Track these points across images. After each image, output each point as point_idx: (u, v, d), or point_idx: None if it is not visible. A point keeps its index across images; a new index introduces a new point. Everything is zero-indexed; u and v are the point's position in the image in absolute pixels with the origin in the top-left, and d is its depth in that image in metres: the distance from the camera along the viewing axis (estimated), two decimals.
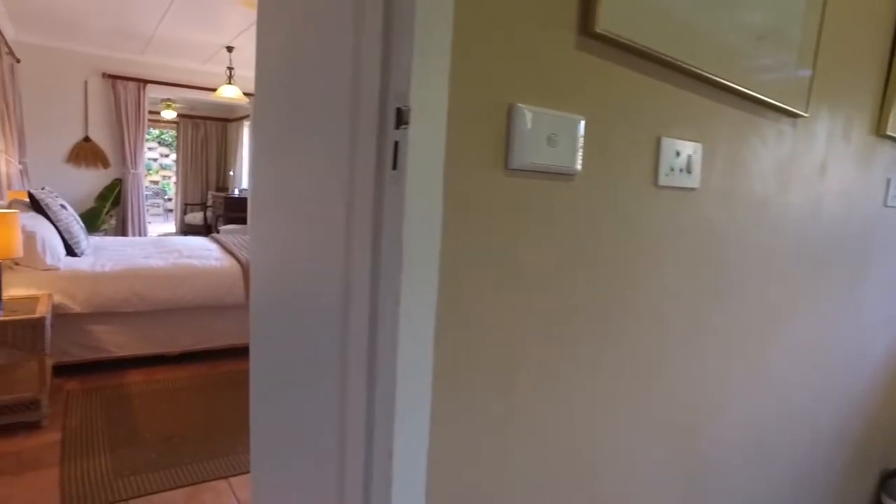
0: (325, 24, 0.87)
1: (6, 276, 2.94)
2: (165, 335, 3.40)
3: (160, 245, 4.20)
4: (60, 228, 3.51)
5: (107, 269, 3.28)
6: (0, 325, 2.47)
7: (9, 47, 5.33)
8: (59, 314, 3.05)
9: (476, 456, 0.79)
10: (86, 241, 3.74)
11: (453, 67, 0.69)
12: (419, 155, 0.66)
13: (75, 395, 2.97)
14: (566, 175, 0.83)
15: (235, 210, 8.58)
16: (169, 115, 9.09)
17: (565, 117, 0.81)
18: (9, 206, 3.53)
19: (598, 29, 0.80)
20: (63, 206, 3.70)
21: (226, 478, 2.29)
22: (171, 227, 11.25)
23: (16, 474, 2.29)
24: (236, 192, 9.68)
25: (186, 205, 10.46)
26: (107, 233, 6.46)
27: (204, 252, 3.94)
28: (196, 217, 10.09)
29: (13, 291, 2.96)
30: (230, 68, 6.03)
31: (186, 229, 10.20)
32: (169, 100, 8.86)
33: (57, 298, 3.04)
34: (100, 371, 3.27)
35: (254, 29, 5.27)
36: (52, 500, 2.13)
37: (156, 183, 14.56)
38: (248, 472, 2.34)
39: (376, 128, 0.69)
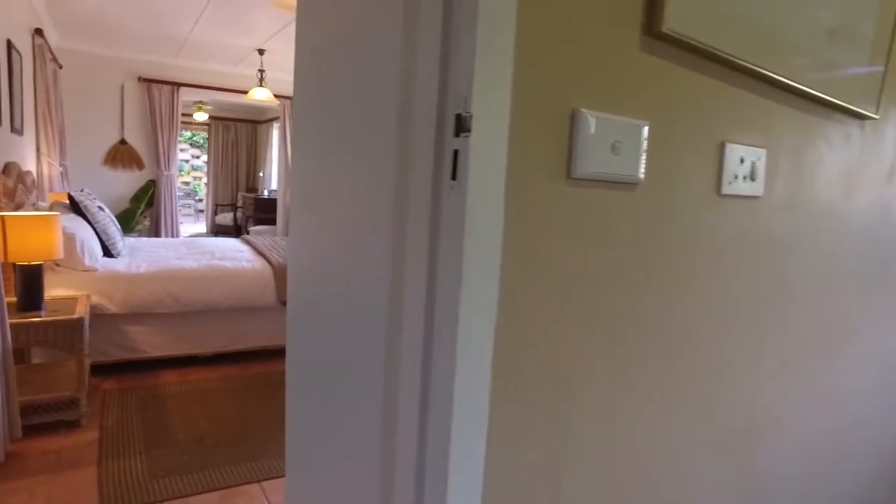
0: (371, 25, 0.84)
1: (47, 277, 3.00)
2: (198, 336, 3.43)
3: (193, 246, 4.25)
4: (98, 230, 3.57)
5: (142, 270, 3.32)
6: (42, 325, 2.52)
7: (53, 54, 5.47)
8: (97, 314, 3.10)
9: (535, 474, 0.75)
10: (121, 242, 3.80)
11: (515, 70, 0.65)
12: (481, 165, 0.62)
13: (112, 395, 3.01)
14: (629, 184, 0.79)
15: (265, 211, 8.67)
16: (201, 117, 9.24)
17: (629, 123, 0.76)
18: (50, 208, 3.60)
19: (665, 28, 0.75)
20: (100, 208, 3.76)
21: (258, 482, 2.29)
22: (202, 227, 11.44)
23: (56, 472, 2.32)
24: (265, 193, 9.79)
25: (217, 205, 10.63)
26: (141, 233, 6.58)
27: (235, 254, 3.97)
28: (226, 218, 10.24)
29: (54, 292, 3.01)
30: (261, 71, 6.09)
31: (217, 230, 10.36)
32: (201, 102, 9.01)
33: (94, 299, 3.09)
34: (135, 371, 3.31)
35: (285, 31, 5.31)
36: (90, 499, 2.15)
37: (187, 184, 14.83)
38: (280, 476, 2.34)
39: (433, 135, 0.66)
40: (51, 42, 5.69)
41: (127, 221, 6.38)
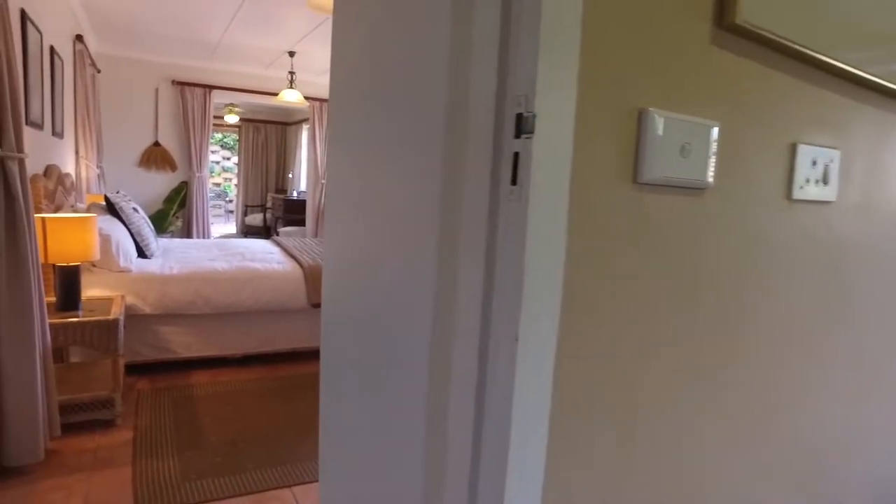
0: (417, 21, 0.80)
1: (84, 277, 3.04)
2: (229, 338, 3.45)
3: (224, 248, 4.28)
4: (132, 231, 3.62)
5: (174, 271, 3.35)
6: (79, 325, 2.55)
7: (92, 59, 5.60)
8: (131, 315, 3.13)
9: (593, 497, 0.70)
10: (155, 244, 3.85)
11: (580, 66, 0.60)
12: (544, 168, 0.57)
13: (145, 395, 3.04)
14: (697, 189, 0.73)
15: (294, 212, 8.74)
16: (232, 119, 9.37)
17: (698, 123, 0.71)
18: (87, 210, 3.66)
19: (739, 20, 0.69)
20: (135, 209, 3.81)
21: (289, 486, 2.27)
22: (232, 227, 11.60)
23: (93, 471, 2.34)
24: (294, 194, 9.87)
25: (247, 206, 10.77)
26: (173, 234, 6.69)
27: (266, 255, 3.98)
28: (256, 218, 10.36)
29: (90, 292, 3.05)
30: (291, 73, 6.13)
31: (247, 230, 10.50)
32: (232, 104, 9.14)
33: (129, 300, 3.12)
34: (168, 371, 3.34)
35: (315, 33, 5.33)
36: (125, 499, 2.16)
37: (218, 185, 15.07)
38: (311, 481, 2.32)
39: (491, 137, 0.61)
40: (90, 47, 5.82)
41: (160, 222, 6.49)
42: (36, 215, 2.56)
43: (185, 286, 3.27)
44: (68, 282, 2.67)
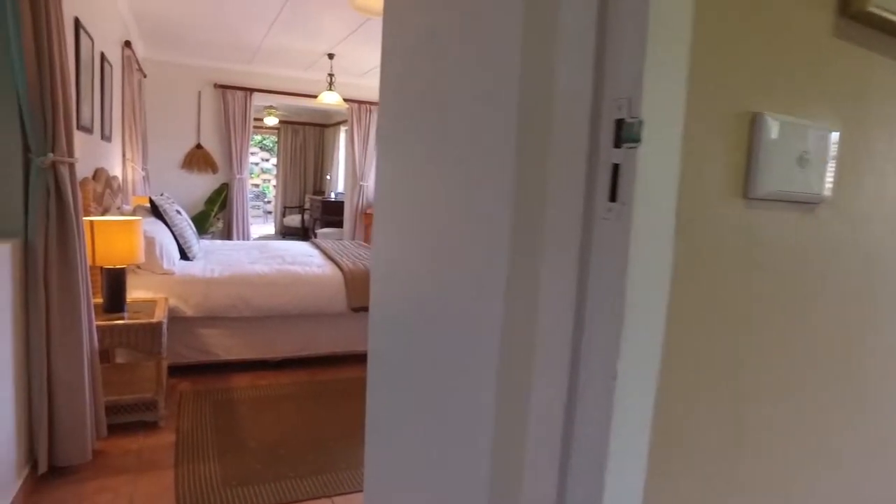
0: (487, 15, 0.72)
1: (129, 279, 3.08)
2: (268, 341, 3.44)
3: (264, 250, 4.30)
4: (175, 233, 3.65)
5: (216, 274, 3.37)
6: (124, 328, 2.56)
7: (139, 64, 5.73)
8: (173, 317, 3.15)
9: None
10: (197, 246, 3.88)
11: (690, 64, 0.51)
12: (650, 183, 0.49)
13: (187, 397, 3.05)
14: (812, 203, 0.64)
15: (331, 213, 8.80)
16: (271, 121, 9.49)
17: (818, 129, 0.62)
18: (133, 212, 3.72)
19: (870, 7, 0.60)
20: (178, 212, 3.86)
21: (330, 497, 2.23)
22: (271, 228, 11.77)
23: (137, 473, 2.35)
24: (332, 195, 9.94)
25: (285, 207, 10.90)
26: (214, 235, 6.79)
27: (306, 258, 3.98)
28: (294, 220, 10.48)
29: (134, 294, 3.09)
30: (331, 75, 6.15)
31: (285, 231, 10.63)
32: (271, 107, 9.26)
33: (171, 302, 3.14)
34: (208, 373, 3.36)
35: (354, 35, 5.32)
36: (168, 503, 2.16)
37: (256, 186, 15.33)
38: (351, 491, 2.27)
39: (584, 146, 0.54)
40: (137, 53, 5.96)
41: (201, 223, 6.60)
42: (85, 218, 2.59)
43: (226, 289, 3.28)
44: (115, 284, 2.70)
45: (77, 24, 3.00)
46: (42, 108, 2.02)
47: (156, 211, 3.66)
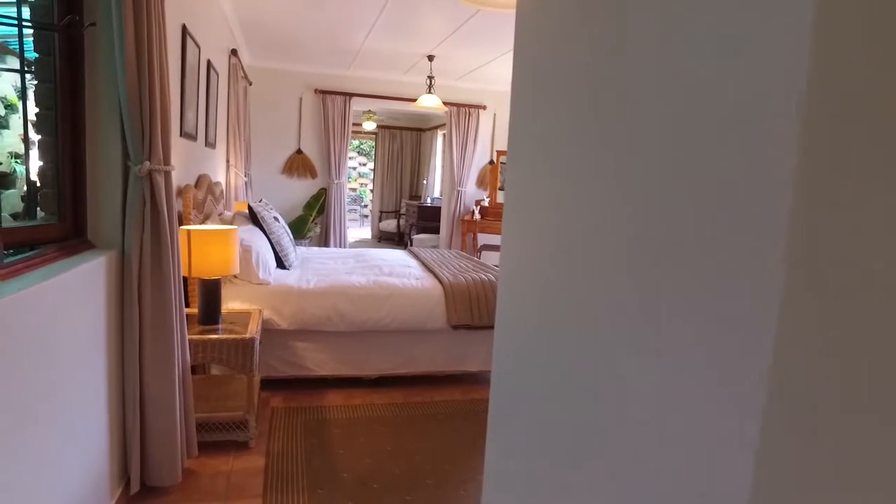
0: None
1: (225, 289, 3.00)
2: (363, 357, 3.25)
3: (361, 258, 4.14)
4: (272, 241, 3.57)
5: (311, 285, 3.22)
6: (217, 343, 2.45)
7: (244, 72, 5.86)
8: (267, 329, 3.04)
9: None
10: (294, 254, 3.79)
11: None
12: None
13: (279, 414, 2.92)
14: None
15: (428, 219, 8.66)
16: (369, 126, 9.53)
17: None
18: (233, 219, 3.69)
19: None
20: (276, 219, 3.78)
21: None
22: (367, 232, 11.90)
23: (226, 500, 2.21)
24: (428, 200, 9.83)
25: (382, 212, 10.95)
26: (311, 240, 6.83)
27: (404, 269, 3.77)
28: (390, 224, 10.49)
29: (230, 304, 3.00)
30: (430, 77, 5.97)
31: (381, 236, 10.66)
32: (370, 112, 9.29)
33: (266, 314, 3.03)
34: (301, 388, 3.22)
35: (455, 37, 5.08)
36: None
37: (353, 190, 15.66)
38: None
39: None
40: (243, 61, 6.10)
41: (299, 228, 6.66)
42: (182, 227, 2.51)
43: (321, 301, 3.13)
44: (210, 295, 2.60)
45: (184, 31, 2.96)
46: (140, 115, 1.91)
47: (254, 218, 3.60)
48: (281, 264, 3.61)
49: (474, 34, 5.14)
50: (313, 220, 6.84)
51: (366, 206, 14.94)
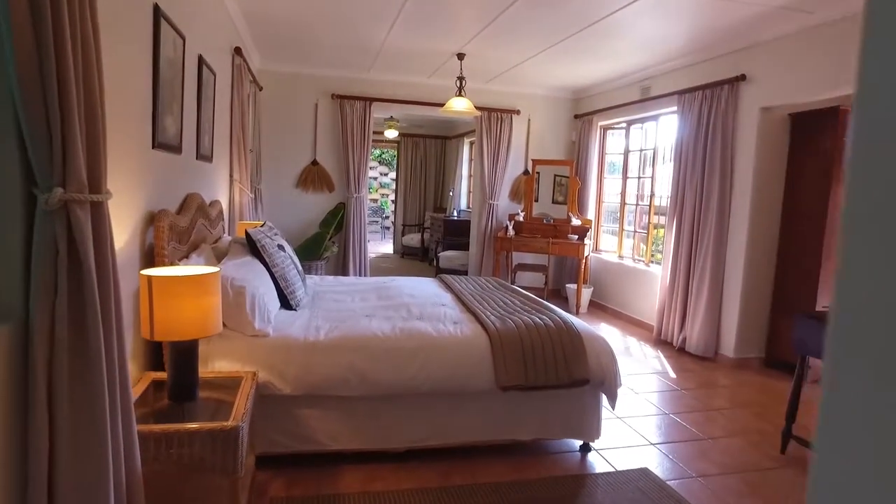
0: None
1: (210, 344, 2.32)
2: (388, 426, 2.55)
3: (384, 293, 3.42)
4: (276, 276, 2.89)
5: (322, 335, 2.53)
6: (186, 436, 1.75)
7: (253, 76, 5.25)
8: (266, 395, 2.35)
9: None
10: (302, 290, 3.10)
11: None
12: None
13: None
14: None
15: (455, 234, 7.95)
16: (391, 134, 8.88)
17: None
18: (229, 248, 3.02)
19: None
20: (280, 247, 3.10)
21: None
22: (389, 247, 11.23)
23: None
24: (455, 213, 9.12)
25: (405, 226, 10.27)
26: (328, 260, 6.17)
27: (437, 309, 3.05)
28: (413, 238, 9.80)
29: (216, 364, 2.33)
30: (461, 78, 5.28)
31: (404, 251, 9.98)
32: (392, 119, 8.63)
33: (263, 376, 2.34)
34: (310, 466, 2.52)
35: (487, 31, 4.33)
36: None
37: (375, 201, 15.05)
38: None
39: None
40: (253, 64, 5.50)
41: (315, 247, 6.00)
42: (143, 272, 1.84)
43: (335, 357, 2.43)
44: (182, 363, 1.92)
45: (157, 12, 2.31)
46: (46, 114, 1.24)
47: (253, 247, 2.92)
48: (286, 303, 2.93)
49: (509, 28, 4.44)
50: (331, 239, 6.18)
51: (387, 217, 14.31)
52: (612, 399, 2.75)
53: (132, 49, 2.06)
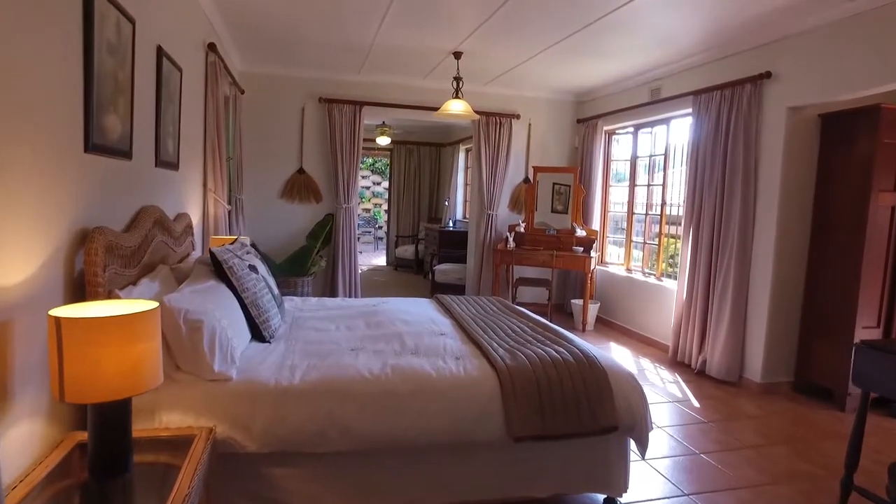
0: None
1: (156, 394, 1.88)
2: (377, 486, 2.11)
3: (373, 320, 2.98)
4: (246, 301, 2.46)
5: (296, 377, 2.09)
6: None
7: (232, 77, 4.84)
8: (226, 454, 1.91)
9: None
10: (278, 318, 2.67)
11: None
12: None
13: None
14: None
15: (451, 245, 7.52)
16: (384, 141, 8.48)
17: None
18: (192, 270, 2.58)
19: None
20: (253, 268, 2.67)
21: None
22: (382, 258, 10.79)
23: None
24: (450, 223, 8.70)
25: (398, 237, 9.85)
26: (315, 276, 5.73)
27: (435, 339, 2.62)
28: (407, 250, 9.38)
29: (164, 416, 1.89)
30: (457, 78, 4.88)
31: (397, 263, 9.55)
32: (384, 125, 8.23)
33: (223, 430, 1.90)
34: None
35: (487, 26, 3.85)
36: None
37: (367, 211, 14.63)
38: None
39: None
40: (233, 66, 5.09)
41: (302, 262, 5.57)
42: (51, 312, 1.41)
43: (312, 405, 2.00)
44: (107, 429, 1.48)
45: None
46: None
47: (219, 269, 2.49)
48: (258, 334, 2.50)
49: (509, 24, 4.05)
50: (318, 253, 5.74)
51: (380, 227, 13.89)
52: (643, 446, 2.33)
53: (52, 28, 1.64)
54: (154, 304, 1.54)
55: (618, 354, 4.92)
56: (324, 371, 2.14)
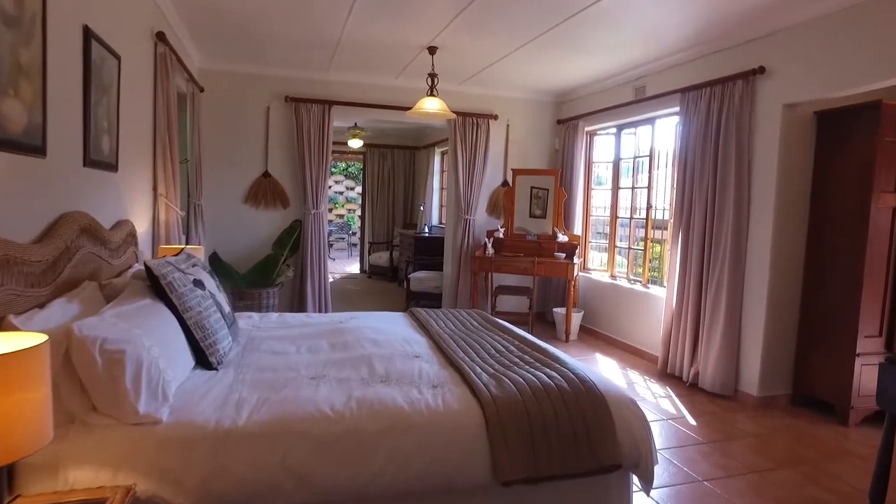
0: None
1: (62, 444, 1.52)
2: None
3: (339, 339, 2.63)
4: (189, 322, 2.11)
5: (242, 417, 1.75)
6: None
7: (190, 73, 4.46)
8: None
9: None
10: (227, 341, 2.31)
11: None
12: None
13: None
14: None
15: (427, 252, 7.19)
16: (356, 143, 8.13)
17: None
18: (126, 288, 2.21)
19: None
20: (199, 283, 2.31)
21: None
22: (356, 266, 10.41)
23: None
24: (426, 229, 8.38)
25: (371, 244, 9.48)
26: (282, 286, 5.35)
27: (409, 363, 2.29)
28: (381, 257, 9.02)
29: (71, 473, 1.52)
30: (432, 75, 4.57)
31: (371, 270, 9.19)
32: (356, 127, 7.89)
33: (147, 488, 1.55)
34: None
35: (462, 18, 3.35)
36: None
37: (341, 216, 14.22)
38: None
39: None
40: (191, 62, 4.70)
41: (267, 272, 5.19)
42: None
43: (260, 451, 1.66)
44: None
45: None
46: None
47: (157, 285, 2.13)
48: (205, 359, 2.15)
49: (486, 17, 3.78)
50: (285, 262, 5.37)
51: (355, 234, 13.49)
52: (647, 482, 2.04)
53: None
54: (41, 339, 1.19)
55: (604, 366, 4.65)
56: (276, 407, 1.80)
